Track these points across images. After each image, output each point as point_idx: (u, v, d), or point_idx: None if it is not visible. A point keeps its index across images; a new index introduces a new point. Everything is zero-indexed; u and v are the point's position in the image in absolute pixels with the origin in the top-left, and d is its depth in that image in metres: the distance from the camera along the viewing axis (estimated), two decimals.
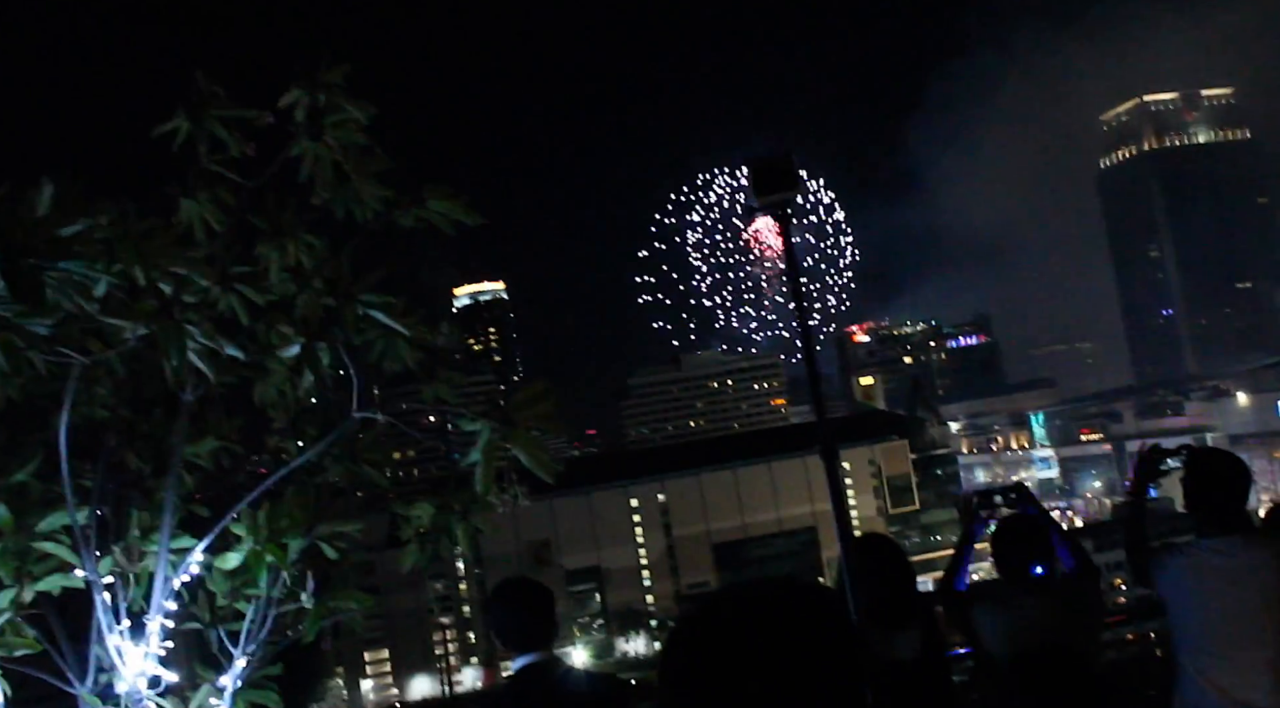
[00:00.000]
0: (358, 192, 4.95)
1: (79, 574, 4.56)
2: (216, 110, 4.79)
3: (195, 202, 4.83)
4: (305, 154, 4.88)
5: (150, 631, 4.56)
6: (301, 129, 4.84)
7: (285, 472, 4.98)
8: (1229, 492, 5.25)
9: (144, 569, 4.68)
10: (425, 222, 5.09)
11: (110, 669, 4.57)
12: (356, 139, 4.91)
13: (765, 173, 4.31)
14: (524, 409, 4.78)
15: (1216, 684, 5.05)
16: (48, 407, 4.82)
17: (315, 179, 4.91)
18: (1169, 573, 5.28)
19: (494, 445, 4.75)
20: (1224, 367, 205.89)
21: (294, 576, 4.77)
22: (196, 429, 5.13)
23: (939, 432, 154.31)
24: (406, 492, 5.53)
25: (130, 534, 4.69)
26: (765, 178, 4.31)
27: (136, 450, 5.17)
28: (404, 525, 5.29)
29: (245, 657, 4.78)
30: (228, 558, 4.71)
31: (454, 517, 5.23)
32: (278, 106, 4.85)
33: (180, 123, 4.81)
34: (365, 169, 4.96)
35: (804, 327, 4.52)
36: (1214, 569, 5.10)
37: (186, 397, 4.77)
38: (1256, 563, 5.06)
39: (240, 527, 4.73)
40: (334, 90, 4.86)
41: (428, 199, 5.04)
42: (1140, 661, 9.00)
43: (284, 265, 4.95)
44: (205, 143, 4.84)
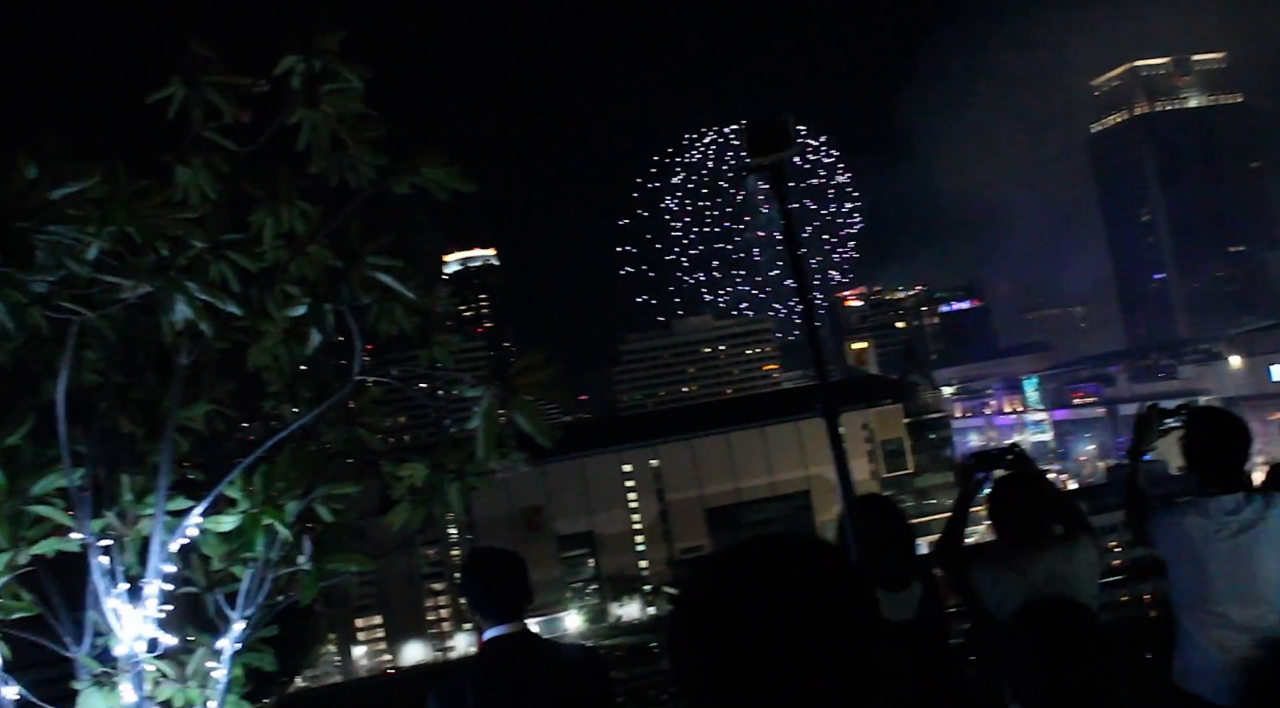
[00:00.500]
0: (353, 159, 4.91)
1: (74, 537, 4.54)
2: (211, 77, 4.73)
3: (190, 169, 4.78)
4: (303, 122, 4.84)
5: (146, 594, 4.55)
6: (298, 96, 4.80)
7: (282, 436, 4.96)
8: (1229, 450, 5.26)
9: (139, 533, 4.66)
10: (419, 188, 5.06)
11: (107, 633, 4.57)
12: (353, 106, 4.87)
13: (761, 133, 4.30)
14: (523, 376, 4.78)
15: (1216, 641, 5.07)
16: (38, 372, 4.80)
17: (312, 147, 4.88)
18: (1169, 531, 5.29)
19: (494, 411, 4.74)
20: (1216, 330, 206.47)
21: (290, 538, 4.75)
22: (190, 393, 5.11)
23: (932, 396, 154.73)
24: (399, 453, 5.52)
25: (124, 498, 4.67)
26: (761, 138, 4.29)
27: (129, 415, 5.14)
28: (396, 485, 5.27)
29: (242, 620, 4.78)
30: (223, 521, 4.69)
31: (447, 477, 5.22)
32: (273, 74, 4.80)
33: (175, 89, 4.77)
34: (361, 136, 4.93)
35: (802, 288, 4.50)
36: (1214, 527, 5.11)
37: (181, 360, 4.74)
38: (1255, 520, 5.07)
39: (236, 490, 4.72)
40: (329, 57, 4.82)
41: (421, 166, 5.01)
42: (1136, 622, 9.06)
43: (278, 231, 4.91)
44: (200, 110, 4.79)
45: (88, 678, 4.51)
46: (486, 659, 4.77)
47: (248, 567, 4.82)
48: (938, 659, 5.45)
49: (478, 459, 4.93)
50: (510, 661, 4.71)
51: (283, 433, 4.98)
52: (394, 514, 5.30)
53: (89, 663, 4.54)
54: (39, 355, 4.67)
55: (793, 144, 4.31)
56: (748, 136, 4.29)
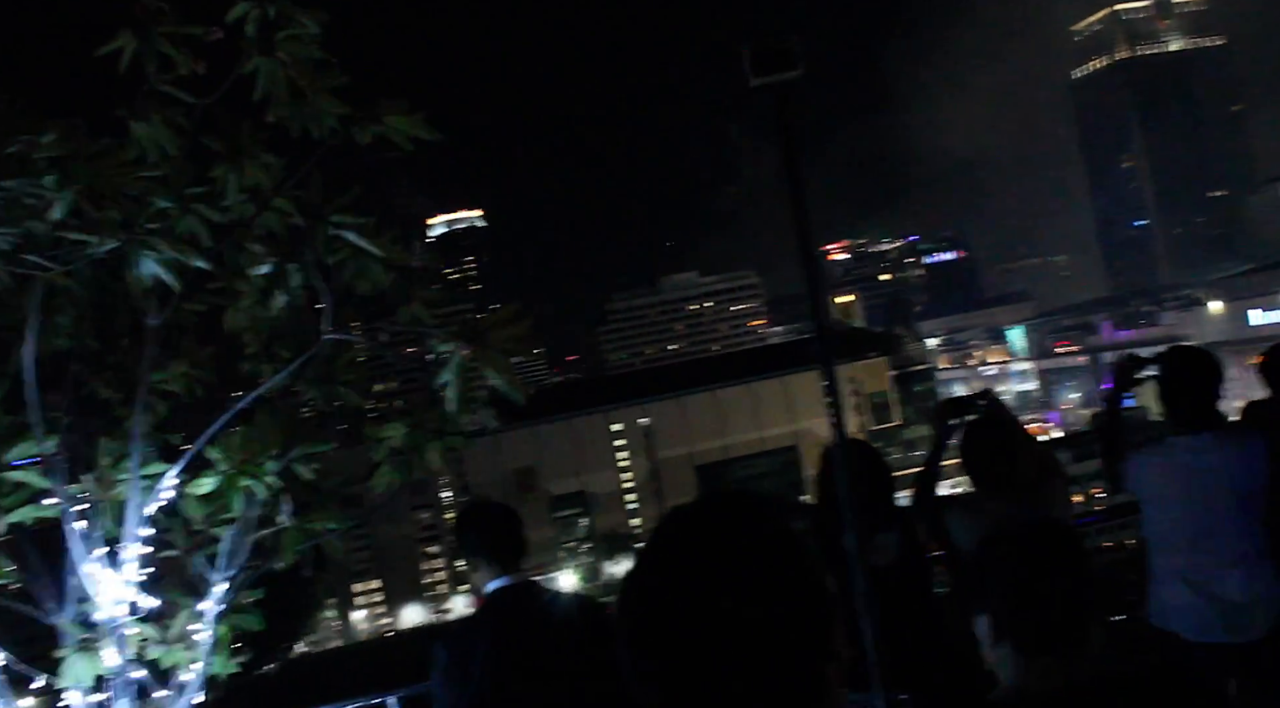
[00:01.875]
0: (313, 108, 4.83)
1: (50, 503, 4.53)
2: (163, 28, 4.63)
3: (147, 124, 4.70)
4: (259, 71, 4.75)
5: (125, 558, 4.55)
6: (253, 44, 4.70)
7: (257, 394, 4.92)
8: (1201, 388, 5.23)
9: (116, 497, 4.65)
10: (384, 139, 4.97)
11: (89, 599, 4.57)
12: (311, 53, 4.77)
13: (763, 53, 4.08)
14: (496, 330, 4.73)
15: (1189, 580, 5.09)
16: (8, 339, 4.75)
17: (270, 96, 4.79)
18: (1142, 471, 5.30)
19: (465, 366, 4.71)
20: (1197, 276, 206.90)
21: (268, 497, 4.74)
22: (167, 356, 5.07)
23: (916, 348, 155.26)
24: (381, 414, 5.50)
25: (101, 462, 4.66)
26: (763, 59, 4.05)
27: (105, 380, 5.11)
28: (377, 447, 5.26)
29: (224, 581, 4.78)
30: (200, 483, 4.68)
31: (427, 437, 5.20)
32: (225, 20, 4.70)
33: (126, 42, 4.66)
34: (320, 84, 4.83)
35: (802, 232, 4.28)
36: (1186, 466, 5.10)
37: (151, 320, 4.70)
38: (1229, 457, 5.07)
39: (215, 451, 4.70)
40: (284, 3, 4.70)
41: (384, 114, 4.91)
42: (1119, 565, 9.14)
43: (242, 186, 4.85)
44: (154, 62, 4.68)
45: (72, 644, 4.52)
46: (493, 609, 4.76)
47: (228, 529, 4.82)
48: (919, 603, 5.50)
49: (449, 416, 4.90)
50: (518, 609, 4.71)
51: (257, 392, 4.95)
52: (378, 477, 5.29)
53: (72, 629, 4.54)
54: (9, 320, 4.62)
55: (798, 67, 4.10)
56: (749, 58, 4.08)
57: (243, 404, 4.86)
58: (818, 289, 4.33)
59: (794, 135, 4.17)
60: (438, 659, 4.69)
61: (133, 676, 4.53)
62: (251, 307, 5.01)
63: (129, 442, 4.70)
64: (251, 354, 5.29)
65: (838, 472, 4.23)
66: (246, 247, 4.72)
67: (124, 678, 4.48)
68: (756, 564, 1.58)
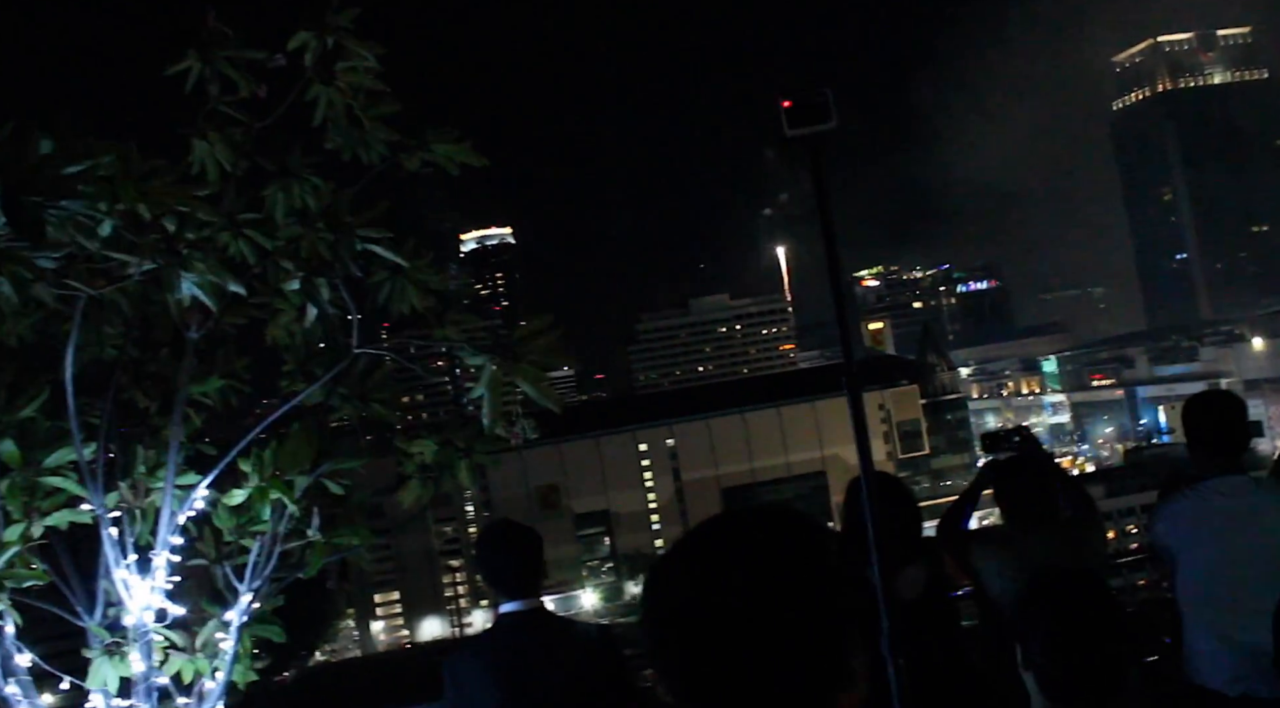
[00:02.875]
0: (366, 135, 4.93)
1: (86, 509, 4.60)
2: (226, 51, 4.75)
3: (207, 142, 4.81)
4: (319, 98, 4.85)
5: (156, 565, 4.61)
6: (313, 73, 4.81)
7: (288, 408, 5.00)
8: (1228, 432, 5.16)
9: (150, 505, 4.72)
10: (431, 165, 5.08)
11: (118, 603, 4.63)
12: (368, 82, 4.89)
13: (799, 105, 4.26)
14: (527, 342, 4.78)
15: (1220, 631, 4.98)
16: (58, 346, 4.85)
17: (328, 122, 4.90)
18: (1174, 521, 5.18)
19: (498, 379, 4.75)
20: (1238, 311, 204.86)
21: (299, 512, 4.80)
22: (204, 369, 5.16)
23: (949, 377, 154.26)
24: (411, 429, 5.55)
25: (136, 471, 4.73)
26: (799, 111, 4.25)
27: (144, 389, 5.20)
28: (406, 462, 5.31)
29: (250, 592, 4.83)
30: (233, 495, 4.75)
31: (456, 454, 5.25)
32: (286, 49, 4.82)
33: (192, 63, 4.78)
34: (374, 112, 4.94)
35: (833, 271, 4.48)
36: (1217, 512, 5.00)
37: (191, 334, 4.79)
38: (1261, 505, 4.99)
39: (247, 464, 4.76)
40: (343, 34, 4.82)
41: (433, 143, 5.03)
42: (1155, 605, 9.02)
43: (289, 207, 4.95)
44: (216, 84, 4.81)
45: (99, 647, 4.58)
46: (498, 633, 4.79)
47: (256, 540, 4.87)
48: (945, 638, 5.47)
49: (485, 429, 4.95)
50: (521, 636, 4.73)
51: (286, 407, 5.01)
52: (405, 492, 5.34)
53: (100, 633, 4.61)
54: (60, 330, 4.72)
55: (833, 119, 4.27)
56: (785, 111, 4.25)
57: (274, 417, 4.93)
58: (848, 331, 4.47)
59: (827, 185, 4.34)
60: (446, 679, 4.74)
61: (156, 682, 4.59)
62: (290, 323, 5.09)
63: (164, 451, 4.77)
64: (289, 371, 5.36)
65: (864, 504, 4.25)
66: (280, 264, 4.80)
67: (148, 684, 4.54)
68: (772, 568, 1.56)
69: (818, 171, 4.34)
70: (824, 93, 4.26)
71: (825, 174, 4.34)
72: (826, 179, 4.35)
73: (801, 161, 4.36)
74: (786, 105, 4.24)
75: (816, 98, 4.25)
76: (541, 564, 4.88)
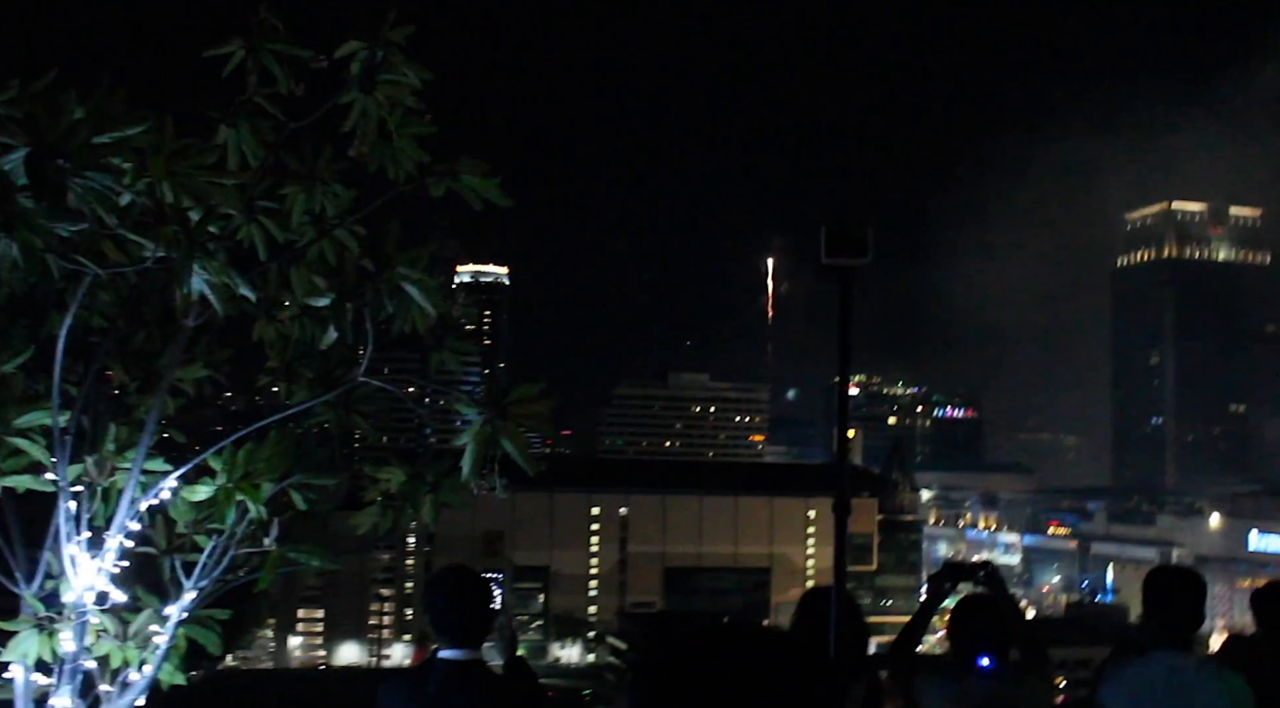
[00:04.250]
0: (396, 152, 4.94)
1: (49, 478, 4.51)
2: (273, 44, 4.76)
3: (235, 131, 4.81)
4: (354, 105, 4.87)
5: (108, 547, 4.52)
6: (354, 80, 4.83)
7: (282, 416, 4.94)
8: (1187, 610, 5.25)
9: (113, 485, 4.64)
10: (454, 193, 5.08)
11: (59, 577, 4.52)
12: (406, 100, 4.90)
13: (839, 235, 4.38)
14: (520, 405, 4.78)
15: None
16: (47, 304, 4.79)
17: (358, 131, 4.90)
18: (1117, 681, 5.26)
19: (484, 435, 4.74)
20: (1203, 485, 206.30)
21: (260, 518, 4.72)
22: (188, 355, 5.10)
23: (909, 498, 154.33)
24: (379, 454, 5.48)
25: (105, 447, 4.65)
26: (838, 241, 4.37)
27: (126, 365, 5.13)
28: (370, 487, 5.25)
29: (194, 590, 4.74)
30: (197, 490, 4.67)
31: (423, 487, 5.20)
32: (334, 55, 4.83)
33: (236, 49, 4.79)
34: (408, 131, 4.96)
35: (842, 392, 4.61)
36: (1161, 685, 5.07)
37: (188, 323, 4.74)
38: (1200, 686, 5.04)
39: (217, 461, 4.70)
40: (393, 49, 4.85)
41: (462, 172, 5.02)
42: None
43: (307, 209, 4.94)
44: (255, 74, 4.82)
45: (30, 619, 4.46)
46: (435, 678, 4.69)
47: (212, 539, 4.79)
48: None
49: (461, 477, 4.90)
50: (458, 687, 4.64)
51: (283, 414, 4.96)
52: (362, 516, 5.26)
53: (34, 604, 4.49)
54: (52, 287, 4.65)
55: (869, 254, 4.40)
56: (825, 237, 4.37)
57: (269, 421, 4.87)
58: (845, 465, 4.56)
59: (851, 315, 4.45)
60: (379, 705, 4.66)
61: (83, 664, 4.47)
62: (289, 322, 5.06)
63: (136, 431, 4.70)
64: (271, 368, 5.31)
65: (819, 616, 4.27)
66: (311, 278, 4.77)
67: (74, 665, 4.42)
68: None
69: (846, 300, 4.45)
70: (865, 228, 4.39)
71: (852, 304, 4.44)
72: (852, 309, 4.45)
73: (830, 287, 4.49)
74: (827, 234, 4.36)
75: (857, 231, 4.38)
76: (490, 615, 4.82)
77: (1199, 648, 5.30)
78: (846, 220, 4.37)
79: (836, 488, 4.39)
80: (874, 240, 4.36)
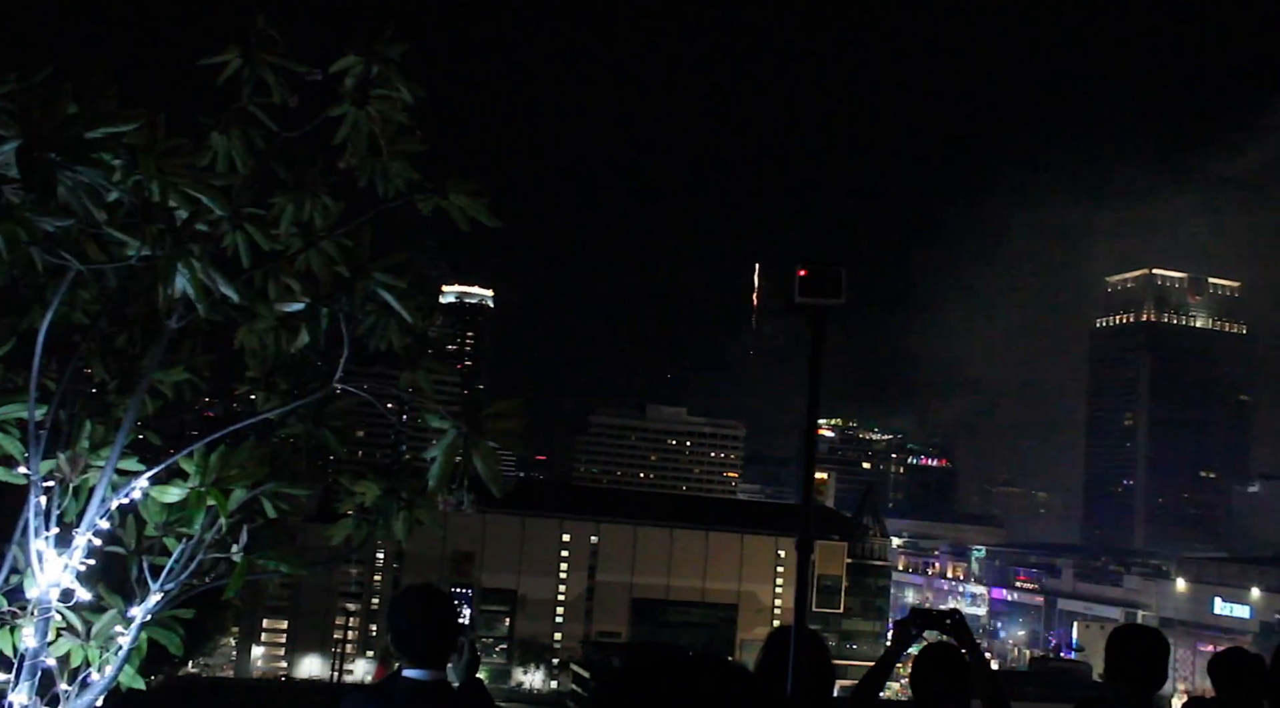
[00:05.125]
0: (386, 167, 4.96)
1: (21, 471, 4.48)
2: (270, 55, 4.79)
3: (226, 137, 4.83)
4: (345, 117, 4.89)
5: (76, 544, 4.48)
6: (348, 93, 4.86)
7: (253, 421, 4.93)
8: (1151, 669, 5.35)
9: (84, 482, 4.61)
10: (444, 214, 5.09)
11: (25, 571, 4.49)
12: (398, 117, 4.93)
13: (813, 276, 4.42)
14: (495, 421, 4.76)
15: None
16: (29, 296, 4.77)
17: (348, 143, 4.93)
18: None
19: (455, 448, 4.72)
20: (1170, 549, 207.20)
21: (230, 525, 4.71)
22: (170, 357, 5.09)
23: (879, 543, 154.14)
24: (353, 468, 5.46)
25: (80, 444, 4.63)
26: (812, 282, 4.41)
27: (106, 363, 5.11)
28: (345, 500, 5.23)
29: (161, 592, 4.71)
30: (169, 492, 4.64)
31: (397, 503, 5.19)
32: (329, 69, 4.86)
33: (232, 58, 4.82)
34: (399, 147, 4.98)
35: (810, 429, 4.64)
36: None
37: (171, 324, 4.73)
38: None
39: (190, 464, 4.67)
40: (389, 65, 4.88)
41: (451, 191, 5.04)
42: None
43: (295, 219, 4.95)
44: (250, 84, 4.84)
45: None
46: (399, 699, 4.66)
47: (181, 542, 4.76)
48: None
49: (427, 491, 4.89)
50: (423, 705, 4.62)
51: (255, 418, 4.95)
52: (336, 529, 5.24)
53: None
54: (35, 281, 4.64)
55: (842, 296, 4.43)
56: (799, 280, 4.40)
57: (241, 426, 4.86)
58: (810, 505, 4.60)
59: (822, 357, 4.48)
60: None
61: (43, 661, 4.42)
62: (266, 332, 5.05)
63: (112, 430, 4.68)
64: (251, 377, 5.31)
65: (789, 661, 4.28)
66: (286, 280, 4.77)
67: (34, 662, 4.38)
68: None
69: (817, 341, 4.49)
70: (839, 270, 4.44)
71: (823, 345, 4.48)
72: (822, 351, 4.48)
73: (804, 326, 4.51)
74: (802, 274, 4.40)
75: (831, 273, 4.42)
76: (456, 636, 4.79)
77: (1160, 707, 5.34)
78: (821, 261, 4.40)
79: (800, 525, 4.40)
80: (848, 282, 4.40)
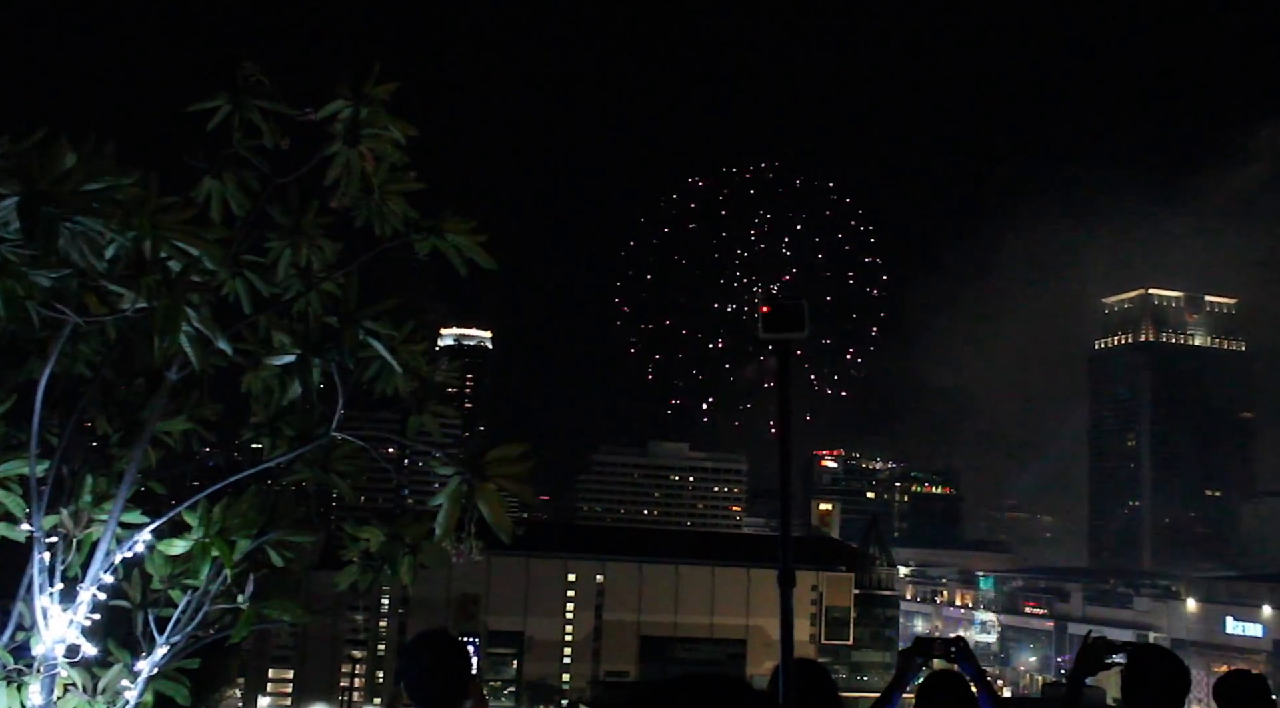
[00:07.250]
0: (382, 206, 4.98)
1: (24, 528, 4.47)
2: (260, 100, 4.83)
3: (219, 182, 4.85)
4: (338, 158, 4.92)
5: (80, 599, 4.46)
6: (340, 133, 4.88)
7: (258, 470, 4.92)
8: (1169, 695, 5.27)
9: (88, 537, 4.59)
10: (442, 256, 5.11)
11: (30, 629, 4.47)
12: (392, 155, 4.96)
13: (776, 312, 4.50)
14: (498, 466, 4.76)
15: None
16: (29, 350, 4.78)
17: (341, 182, 4.95)
18: None
19: (460, 494, 4.71)
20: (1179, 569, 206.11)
21: (235, 575, 4.69)
22: (173, 407, 5.09)
23: (887, 573, 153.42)
24: (358, 513, 5.46)
25: (83, 498, 4.62)
26: (775, 317, 4.50)
27: (109, 416, 5.11)
28: (350, 546, 5.22)
29: (167, 645, 4.68)
30: (173, 544, 4.63)
31: (402, 549, 5.17)
32: (318, 112, 4.88)
33: (221, 103, 4.85)
34: (393, 186, 5.00)
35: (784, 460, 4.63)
36: None
37: (171, 375, 4.74)
38: None
39: (193, 516, 4.66)
40: (377, 106, 4.90)
41: (448, 231, 5.05)
42: None
43: (292, 263, 4.97)
44: (240, 129, 4.88)
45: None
46: None
47: (186, 594, 4.75)
48: None
49: (434, 538, 4.88)
50: None
51: (259, 467, 4.94)
52: (342, 575, 5.23)
53: (3, 656, 4.43)
54: (34, 335, 4.65)
55: (805, 329, 4.49)
56: (762, 314, 4.48)
57: (243, 475, 4.85)
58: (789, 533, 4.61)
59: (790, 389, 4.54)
60: None
61: None
62: (270, 377, 5.07)
63: (115, 483, 4.67)
64: (256, 422, 5.31)
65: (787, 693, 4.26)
66: (276, 334, 4.78)
67: None
68: None
69: (783, 373, 4.54)
70: (800, 303, 4.51)
71: (789, 378, 4.53)
72: (790, 384, 4.55)
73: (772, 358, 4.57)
74: (764, 310, 4.48)
75: (792, 307, 4.50)
76: (467, 682, 4.76)
77: None
78: (782, 297, 4.48)
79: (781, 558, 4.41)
80: (810, 315, 4.47)
